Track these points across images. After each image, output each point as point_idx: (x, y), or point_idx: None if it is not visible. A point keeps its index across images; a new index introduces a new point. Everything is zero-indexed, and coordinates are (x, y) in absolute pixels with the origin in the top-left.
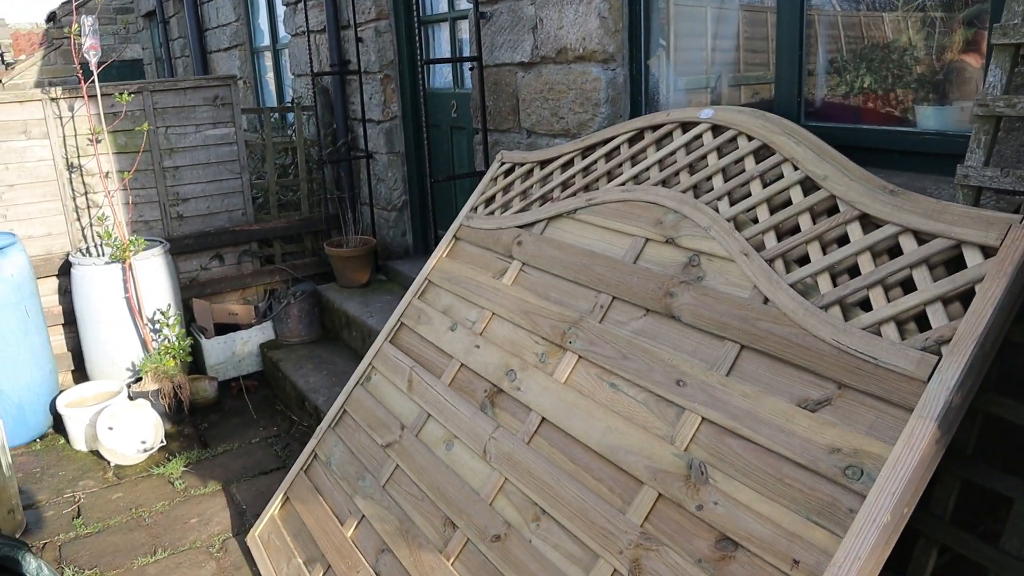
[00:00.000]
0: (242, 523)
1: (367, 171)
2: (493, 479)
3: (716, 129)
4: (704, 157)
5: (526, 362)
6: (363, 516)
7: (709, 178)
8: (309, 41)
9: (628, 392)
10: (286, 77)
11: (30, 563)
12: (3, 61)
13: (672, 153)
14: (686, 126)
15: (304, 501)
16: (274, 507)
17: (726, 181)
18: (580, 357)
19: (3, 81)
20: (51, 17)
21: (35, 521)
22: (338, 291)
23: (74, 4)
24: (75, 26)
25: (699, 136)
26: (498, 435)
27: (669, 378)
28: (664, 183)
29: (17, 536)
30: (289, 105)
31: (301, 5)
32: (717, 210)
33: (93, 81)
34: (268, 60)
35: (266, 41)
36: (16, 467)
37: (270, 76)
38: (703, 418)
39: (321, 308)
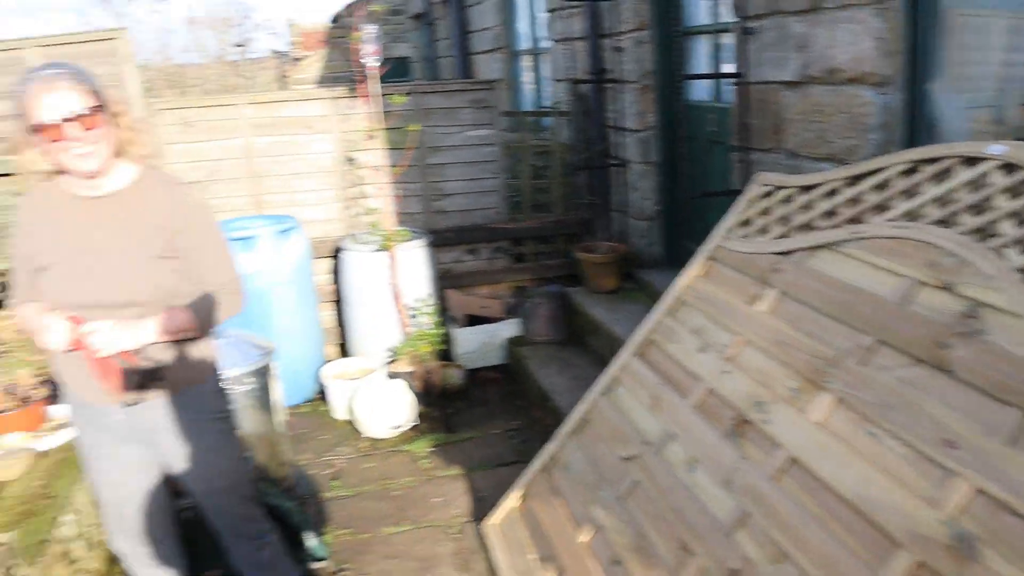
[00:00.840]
0: (479, 509)
1: (620, 179)
2: (735, 510)
3: (1008, 167)
4: (991, 198)
5: (777, 395)
6: (599, 526)
7: (995, 222)
8: (568, 49)
9: (888, 444)
10: (543, 80)
11: (295, 515)
12: (293, 58)
13: (952, 190)
14: (970, 161)
15: (541, 500)
16: (512, 500)
17: (1020, 226)
18: (838, 399)
19: (289, 77)
20: (336, 18)
21: (298, 477)
22: (586, 295)
23: (356, 13)
24: (356, 33)
25: (986, 174)
26: (743, 466)
27: (936, 436)
28: (942, 222)
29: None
30: (547, 109)
31: (563, 13)
32: (1005, 258)
33: (371, 83)
34: (526, 63)
35: (524, 45)
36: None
37: (527, 78)
38: (976, 487)
39: (568, 310)
